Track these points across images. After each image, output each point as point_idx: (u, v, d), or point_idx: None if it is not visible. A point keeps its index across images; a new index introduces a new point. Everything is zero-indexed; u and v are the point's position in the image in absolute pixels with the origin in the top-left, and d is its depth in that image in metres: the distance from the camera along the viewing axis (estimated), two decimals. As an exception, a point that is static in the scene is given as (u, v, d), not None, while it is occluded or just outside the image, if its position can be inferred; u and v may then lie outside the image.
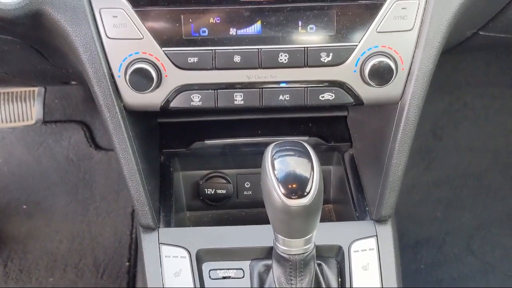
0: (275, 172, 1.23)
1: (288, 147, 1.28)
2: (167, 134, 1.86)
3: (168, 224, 1.65)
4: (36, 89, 2.58)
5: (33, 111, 2.59)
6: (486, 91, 2.82)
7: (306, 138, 1.82)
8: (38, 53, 1.60)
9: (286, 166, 1.25)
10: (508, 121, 2.84)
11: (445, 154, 2.83)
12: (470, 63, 2.77)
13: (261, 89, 1.44)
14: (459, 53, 2.37)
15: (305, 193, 1.21)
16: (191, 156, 1.85)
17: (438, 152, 2.82)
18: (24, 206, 2.75)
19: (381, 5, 1.35)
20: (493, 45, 2.09)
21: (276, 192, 1.22)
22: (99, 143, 2.85)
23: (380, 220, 1.60)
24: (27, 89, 2.56)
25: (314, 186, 1.22)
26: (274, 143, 1.29)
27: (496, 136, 2.84)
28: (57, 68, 1.73)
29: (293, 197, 1.21)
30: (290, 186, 1.22)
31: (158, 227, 1.60)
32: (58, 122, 2.83)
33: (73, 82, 2.06)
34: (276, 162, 1.25)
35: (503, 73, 2.79)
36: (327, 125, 1.88)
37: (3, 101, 2.54)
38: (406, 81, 1.42)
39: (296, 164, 1.25)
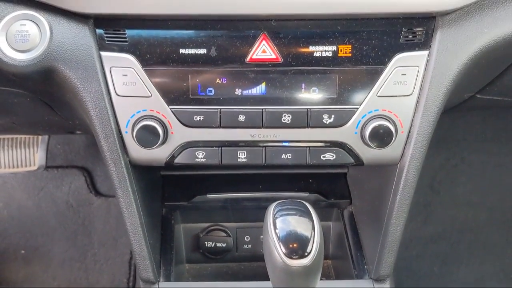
0: (277, 231, 1.26)
1: (289, 206, 1.31)
2: (169, 187, 1.89)
3: (168, 278, 1.66)
4: (40, 136, 2.61)
5: (36, 157, 2.62)
6: (482, 147, 2.86)
7: (306, 194, 1.85)
8: (47, 106, 1.64)
9: (287, 226, 1.27)
10: (505, 177, 2.87)
11: (443, 209, 2.85)
12: (467, 119, 2.83)
13: (264, 148, 1.47)
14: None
15: (306, 254, 1.23)
16: (193, 209, 1.87)
17: (435, 206, 2.84)
18: (23, 251, 2.75)
19: (382, 70, 1.40)
20: (490, 106, 2.14)
21: (277, 251, 1.24)
22: (99, 189, 2.87)
23: (378, 279, 1.62)
24: (31, 135, 2.60)
25: (315, 247, 1.24)
26: (276, 202, 1.32)
27: (493, 192, 2.87)
28: (64, 120, 1.77)
29: (294, 257, 1.23)
30: (291, 245, 1.24)
31: (158, 281, 1.62)
32: (60, 167, 2.85)
33: (78, 132, 2.10)
34: (277, 221, 1.27)
35: (499, 130, 2.84)
36: (327, 181, 1.91)
37: (6, 146, 2.57)
38: (405, 144, 1.46)
39: (297, 224, 1.27)
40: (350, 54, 1.40)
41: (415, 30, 1.39)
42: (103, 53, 1.39)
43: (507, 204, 2.88)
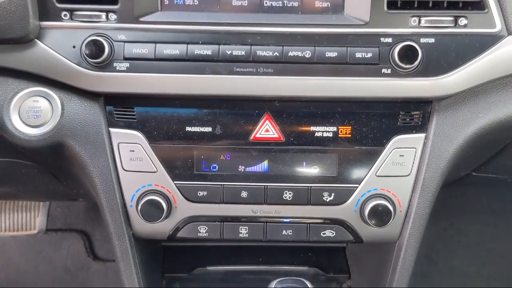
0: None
1: (290, 285, 1.33)
2: (170, 258, 1.91)
3: None
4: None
5: (37, 221, 2.64)
6: (479, 218, 2.88)
7: (305, 268, 1.87)
8: (53, 176, 1.68)
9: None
10: (501, 248, 2.89)
11: (440, 279, 2.85)
12: (463, 191, 2.86)
13: (265, 224, 1.51)
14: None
15: (305, 334, 1.25)
16: (193, 281, 1.88)
17: (433, 277, 2.84)
18: (19, 315, 2.73)
19: (380, 151, 1.45)
20: (485, 182, 2.19)
21: (277, 330, 1.26)
22: (98, 253, 2.87)
23: None
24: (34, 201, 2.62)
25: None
26: (277, 280, 1.34)
27: (490, 263, 2.87)
28: (69, 189, 1.80)
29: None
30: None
31: None
32: (59, 230, 2.85)
33: (81, 199, 2.13)
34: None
35: (495, 202, 2.87)
36: (327, 255, 1.94)
37: (8, 210, 2.59)
38: (404, 223, 1.49)
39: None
40: (350, 135, 1.45)
41: (412, 114, 1.45)
42: (112, 129, 1.45)
43: (504, 275, 2.87)
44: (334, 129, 1.45)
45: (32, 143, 1.41)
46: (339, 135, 1.45)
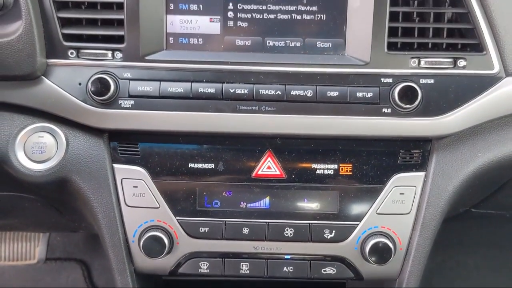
0: None
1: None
2: None
3: None
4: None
5: (37, 251, 2.64)
6: (477, 251, 2.88)
7: (305, 303, 1.87)
8: (56, 210, 1.69)
9: None
10: (499, 280, 2.88)
11: (440, 312, 2.84)
12: (462, 224, 2.87)
13: (266, 260, 1.52)
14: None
15: None
16: None
17: (432, 310, 2.84)
18: None
19: (381, 189, 1.47)
20: (483, 217, 2.20)
21: None
22: (97, 283, 2.86)
23: None
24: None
25: None
26: None
27: (489, 295, 2.87)
28: (70, 221, 1.81)
29: None
30: None
31: None
32: (58, 259, 2.85)
33: (81, 231, 2.14)
34: None
35: (494, 235, 2.88)
36: None
37: (8, 239, 2.59)
38: (404, 260, 1.50)
39: None
40: (350, 173, 1.47)
41: (412, 152, 1.47)
42: (115, 165, 1.46)
43: (503, 307, 2.87)
44: (335, 166, 1.47)
45: (37, 179, 1.42)
46: (340, 173, 1.47)
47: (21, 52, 1.36)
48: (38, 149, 1.44)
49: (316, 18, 1.42)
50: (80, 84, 1.40)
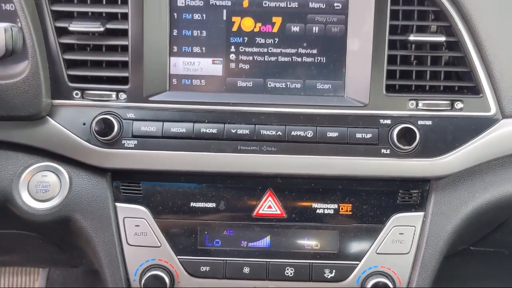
0: None
1: None
2: None
3: None
4: (42, 267, 2.64)
5: (36, 285, 2.63)
6: (477, 285, 2.88)
7: None
8: (57, 247, 1.70)
9: None
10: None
11: None
12: (461, 257, 2.86)
13: (267, 306, 1.52)
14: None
15: None
16: None
17: None
18: None
19: (380, 229, 1.48)
20: (482, 255, 2.21)
21: None
22: (95, 317, 2.85)
23: None
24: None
25: None
26: None
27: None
28: (72, 258, 1.82)
29: None
30: None
31: None
32: (58, 294, 2.84)
33: (81, 266, 2.14)
34: None
35: (493, 270, 2.87)
36: None
37: (7, 273, 2.59)
38: None
39: None
40: (350, 212, 1.49)
41: (411, 192, 1.49)
42: (118, 204, 1.48)
43: None
44: (335, 206, 1.49)
45: (40, 217, 1.44)
46: (340, 212, 1.48)
47: (27, 93, 1.38)
48: (41, 188, 1.45)
49: (316, 61, 1.45)
50: (84, 124, 1.43)
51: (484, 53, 1.41)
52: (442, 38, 1.40)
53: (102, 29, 1.40)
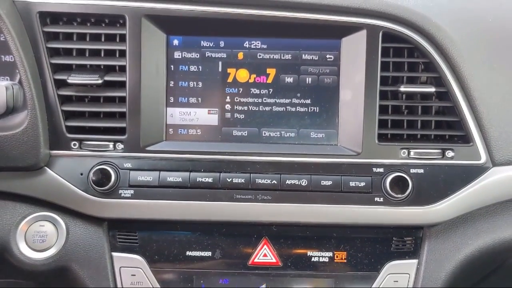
0: None
1: None
2: None
3: None
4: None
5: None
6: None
7: None
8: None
9: None
10: None
11: None
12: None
13: None
14: None
15: None
16: None
17: None
18: None
19: (375, 276, 1.50)
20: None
21: None
22: None
23: None
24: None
25: None
26: None
27: None
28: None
29: None
30: None
31: None
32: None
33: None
34: None
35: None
36: None
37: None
38: None
39: None
40: (345, 260, 1.50)
41: (405, 240, 1.51)
42: (114, 254, 1.49)
43: None
44: (330, 254, 1.50)
45: (37, 267, 1.45)
46: (335, 260, 1.50)
47: (25, 144, 1.41)
48: (39, 238, 1.46)
49: (309, 110, 1.49)
50: (81, 174, 1.45)
51: (473, 103, 1.44)
52: (431, 89, 1.44)
53: (100, 81, 1.43)
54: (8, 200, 1.49)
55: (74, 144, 1.46)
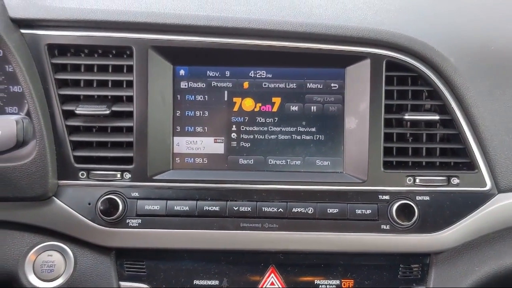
0: None
1: None
2: None
3: None
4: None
5: None
6: None
7: None
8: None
9: None
10: None
11: None
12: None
13: None
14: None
15: None
16: None
17: None
18: None
19: None
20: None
21: None
22: None
23: None
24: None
25: None
26: None
27: None
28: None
29: None
30: None
31: None
32: None
33: None
34: None
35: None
36: None
37: None
38: None
39: None
40: None
41: (411, 267, 1.51)
42: (122, 283, 1.50)
43: None
44: (337, 282, 1.50)
45: None
46: None
47: (34, 174, 1.42)
48: (47, 268, 1.47)
49: (315, 138, 1.50)
50: (89, 204, 1.46)
51: (477, 130, 1.45)
52: (436, 117, 1.45)
53: (108, 111, 1.45)
54: (16, 230, 1.50)
55: (82, 174, 1.47)
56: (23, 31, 1.46)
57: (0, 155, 1.15)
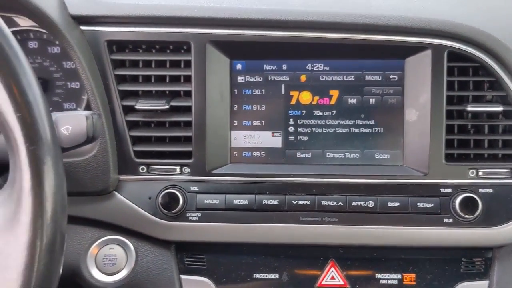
0: None
1: None
2: None
3: None
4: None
5: None
6: None
7: None
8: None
9: None
10: None
11: None
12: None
13: None
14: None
15: None
16: None
17: None
18: None
19: None
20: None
21: None
22: None
23: None
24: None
25: None
26: None
27: None
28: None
29: None
30: None
31: None
32: None
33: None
34: None
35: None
36: None
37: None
38: None
39: None
40: (414, 282, 1.48)
41: (474, 261, 1.48)
42: (182, 276, 1.51)
43: None
44: (399, 276, 1.49)
45: None
46: (404, 282, 1.48)
47: (96, 169, 1.44)
48: (109, 262, 1.49)
49: (373, 131, 1.48)
50: (150, 198, 1.47)
51: (541, 121, 1.42)
52: (499, 108, 1.42)
53: (167, 106, 1.46)
54: (78, 225, 1.52)
55: (142, 169, 1.49)
56: (83, 27, 1.47)
57: (68, 150, 1.17)
